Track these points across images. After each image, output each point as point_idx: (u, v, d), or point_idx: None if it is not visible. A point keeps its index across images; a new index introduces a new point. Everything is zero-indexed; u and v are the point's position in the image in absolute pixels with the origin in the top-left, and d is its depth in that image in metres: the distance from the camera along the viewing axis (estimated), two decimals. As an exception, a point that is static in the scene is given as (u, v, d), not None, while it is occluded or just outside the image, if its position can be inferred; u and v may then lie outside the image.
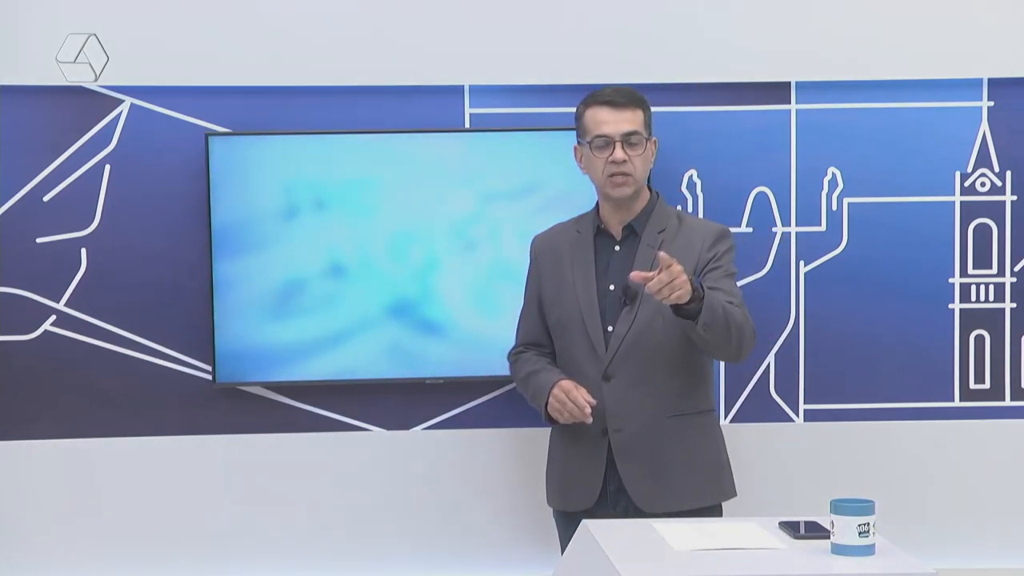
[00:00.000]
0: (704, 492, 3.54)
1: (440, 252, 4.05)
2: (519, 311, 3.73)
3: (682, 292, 3.22)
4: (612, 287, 3.53)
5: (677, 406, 3.51)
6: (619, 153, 3.50)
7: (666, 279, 3.19)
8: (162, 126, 4.06)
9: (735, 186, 4.14)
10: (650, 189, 3.61)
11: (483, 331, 4.02)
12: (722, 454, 3.61)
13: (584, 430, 3.55)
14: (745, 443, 4.08)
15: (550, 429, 3.71)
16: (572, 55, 4.06)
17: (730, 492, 3.61)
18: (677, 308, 3.30)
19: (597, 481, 3.53)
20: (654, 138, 3.56)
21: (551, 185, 4.02)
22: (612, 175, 3.51)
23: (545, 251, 3.66)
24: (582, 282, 3.55)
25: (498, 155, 4.03)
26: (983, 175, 4.15)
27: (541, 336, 3.66)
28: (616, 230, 3.58)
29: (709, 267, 3.51)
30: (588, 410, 3.45)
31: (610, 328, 3.52)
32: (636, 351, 3.46)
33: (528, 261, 3.71)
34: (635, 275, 3.26)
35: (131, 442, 4.10)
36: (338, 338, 4.04)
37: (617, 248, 3.57)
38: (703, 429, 3.57)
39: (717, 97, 4.11)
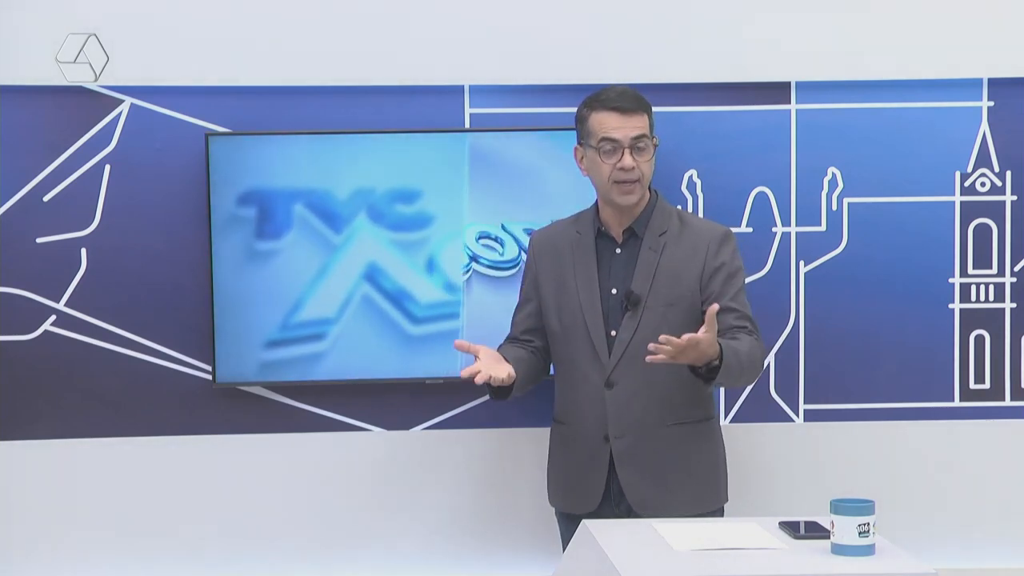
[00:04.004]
0: (703, 499, 3.53)
1: (440, 252, 4.05)
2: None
3: (703, 357, 3.28)
4: (614, 291, 3.52)
5: (679, 414, 3.51)
6: (628, 160, 3.48)
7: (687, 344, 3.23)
8: (162, 126, 4.06)
9: (735, 186, 4.14)
10: (650, 189, 3.60)
11: (482, 330, 4.01)
12: (721, 461, 3.61)
13: (585, 435, 3.55)
14: (745, 443, 4.08)
15: (550, 429, 3.71)
16: (572, 55, 4.06)
17: (724, 498, 3.61)
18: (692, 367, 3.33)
19: (599, 486, 3.53)
20: (656, 139, 3.57)
21: (551, 185, 4.02)
22: (620, 182, 3.49)
23: (545, 251, 3.65)
24: (585, 286, 3.54)
25: (498, 155, 4.03)
26: (983, 175, 4.15)
27: (529, 332, 3.67)
28: (617, 232, 3.57)
29: (718, 281, 3.50)
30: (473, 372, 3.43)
31: (613, 333, 3.51)
32: (639, 357, 3.42)
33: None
34: (652, 347, 3.25)
35: (131, 442, 4.10)
36: (338, 338, 4.04)
37: (618, 251, 3.56)
38: (704, 436, 3.57)
39: (717, 97, 4.11)
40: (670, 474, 3.49)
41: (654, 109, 3.56)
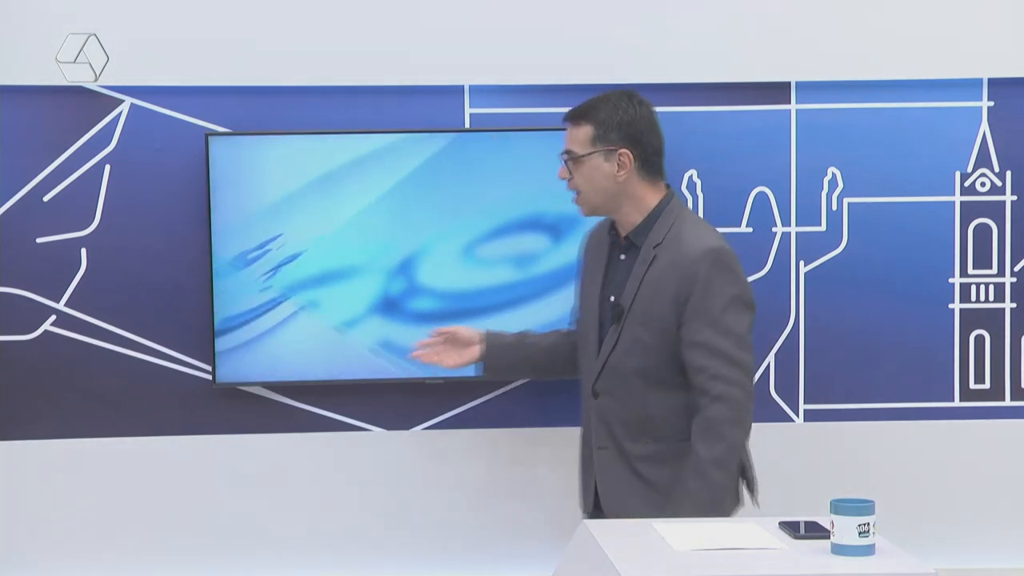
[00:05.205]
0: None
1: (441, 252, 4.04)
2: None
3: None
4: (612, 298, 3.45)
5: (656, 433, 3.39)
6: (562, 172, 3.45)
7: None
8: (162, 126, 4.06)
9: (735, 186, 4.14)
10: (668, 188, 3.45)
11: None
12: None
13: (583, 440, 3.54)
14: (745, 443, 4.08)
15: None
16: (572, 55, 4.06)
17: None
18: None
19: (591, 491, 3.52)
20: (619, 149, 3.38)
21: (550, 185, 4.01)
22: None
23: (586, 248, 3.61)
24: (591, 290, 3.51)
25: (498, 155, 4.03)
26: (983, 175, 4.15)
27: (574, 325, 3.67)
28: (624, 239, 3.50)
29: (691, 308, 3.29)
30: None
31: (603, 341, 3.48)
32: (617, 371, 3.39)
33: None
34: None
35: (131, 442, 4.10)
36: (338, 338, 4.04)
37: (622, 257, 3.47)
38: (680, 458, 3.37)
39: (717, 97, 4.11)
40: (639, 490, 3.40)
41: (654, 109, 3.49)
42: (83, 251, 4.07)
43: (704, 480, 3.26)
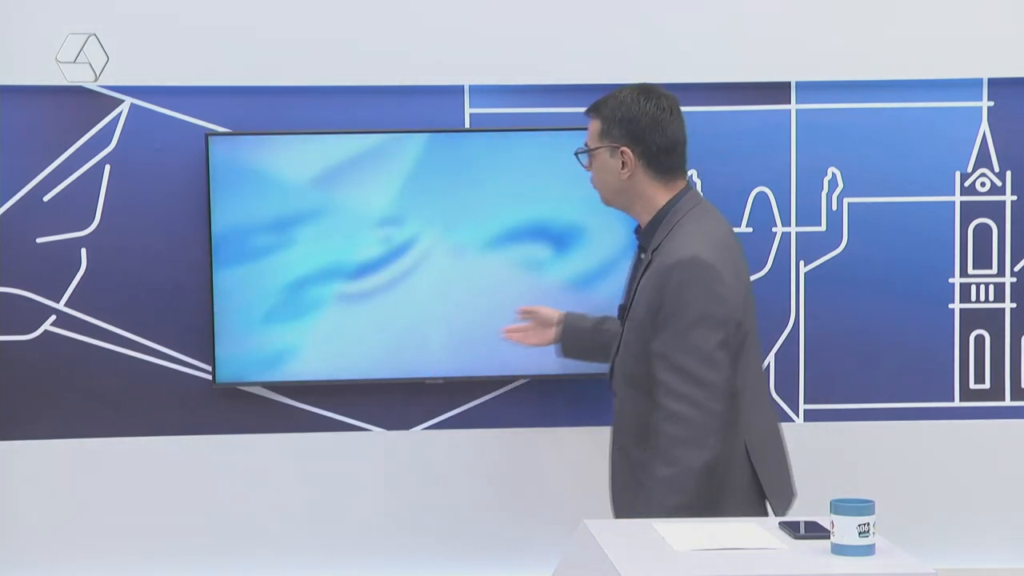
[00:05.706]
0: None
1: (440, 252, 4.04)
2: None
3: None
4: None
5: (652, 440, 3.28)
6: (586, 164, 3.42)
7: None
8: (162, 126, 4.06)
9: (735, 186, 4.14)
10: (684, 185, 3.39)
11: (483, 330, 4.01)
12: None
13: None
14: (745, 443, 4.08)
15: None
16: (572, 55, 4.06)
17: None
18: None
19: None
20: (620, 146, 3.32)
21: (550, 185, 4.02)
22: None
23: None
24: (625, 286, 3.50)
25: (498, 155, 4.03)
26: (983, 175, 4.15)
27: None
28: None
29: (661, 319, 3.18)
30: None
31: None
32: (618, 374, 3.36)
33: None
34: None
35: (131, 442, 4.10)
36: (338, 338, 4.04)
37: (643, 256, 3.39)
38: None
39: (717, 97, 4.11)
40: (627, 492, 3.36)
41: (673, 106, 3.41)
42: (83, 251, 4.07)
43: (656, 502, 3.15)
